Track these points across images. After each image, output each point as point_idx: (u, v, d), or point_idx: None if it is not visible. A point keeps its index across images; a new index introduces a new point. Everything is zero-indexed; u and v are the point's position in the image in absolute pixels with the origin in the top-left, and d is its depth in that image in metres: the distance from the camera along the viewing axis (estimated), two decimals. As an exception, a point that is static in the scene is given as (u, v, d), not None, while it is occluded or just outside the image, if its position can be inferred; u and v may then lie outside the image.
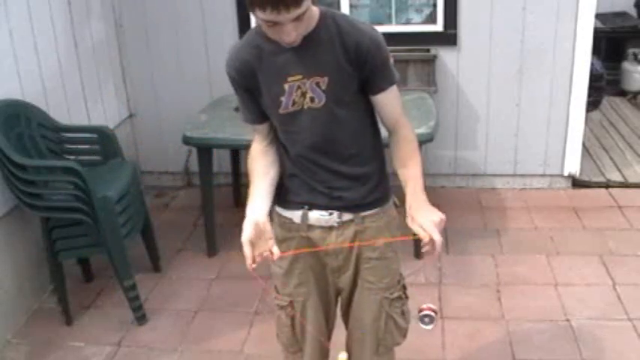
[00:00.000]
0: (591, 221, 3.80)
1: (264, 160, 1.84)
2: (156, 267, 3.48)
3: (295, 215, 1.87)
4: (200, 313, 3.15)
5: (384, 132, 1.87)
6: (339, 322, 2.08)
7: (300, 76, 1.71)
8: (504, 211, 3.97)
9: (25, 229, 3.10)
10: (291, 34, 1.58)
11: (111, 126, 3.69)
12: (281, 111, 1.75)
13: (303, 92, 1.72)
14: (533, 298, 3.12)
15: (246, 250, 1.67)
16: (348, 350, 2.06)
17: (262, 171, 1.83)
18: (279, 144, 1.86)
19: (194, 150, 3.66)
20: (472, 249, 3.57)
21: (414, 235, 1.69)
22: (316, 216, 1.84)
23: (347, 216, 1.85)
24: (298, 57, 1.69)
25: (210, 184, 3.55)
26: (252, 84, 1.76)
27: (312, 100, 1.73)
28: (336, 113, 1.75)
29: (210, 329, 3.02)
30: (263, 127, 1.85)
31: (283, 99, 1.73)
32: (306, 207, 1.85)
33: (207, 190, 3.56)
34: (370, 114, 1.83)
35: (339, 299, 2.02)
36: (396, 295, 1.98)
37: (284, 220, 1.90)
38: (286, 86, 1.72)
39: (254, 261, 1.68)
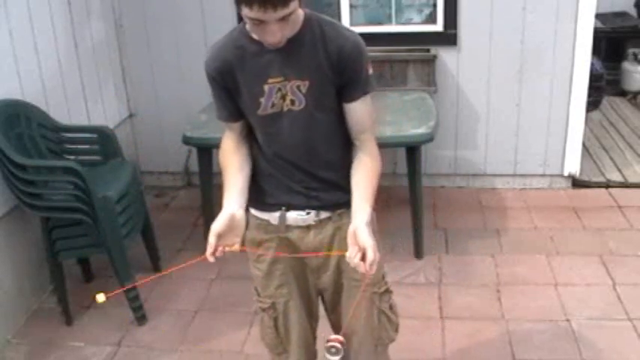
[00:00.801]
0: (591, 221, 3.80)
1: (238, 156, 1.83)
2: (156, 267, 3.47)
3: (272, 217, 1.85)
4: (200, 313, 3.15)
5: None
6: (324, 322, 2.07)
7: (280, 79, 1.70)
8: (504, 211, 3.97)
9: (25, 229, 3.10)
10: (277, 34, 1.57)
11: (111, 126, 3.69)
12: (260, 112, 1.74)
13: (284, 94, 1.71)
14: (533, 298, 3.12)
15: (212, 239, 1.70)
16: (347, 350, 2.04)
17: (237, 166, 1.82)
18: (254, 143, 1.85)
19: (194, 150, 3.66)
20: (472, 249, 3.57)
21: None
22: (294, 216, 1.84)
23: (324, 214, 1.84)
24: (281, 59, 1.68)
25: (210, 184, 3.55)
26: (231, 83, 1.75)
27: (292, 102, 1.72)
28: (316, 117, 1.74)
29: (210, 329, 3.02)
30: (237, 125, 1.84)
31: (262, 100, 1.72)
32: (284, 208, 1.83)
33: (207, 190, 3.55)
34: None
35: (323, 300, 2.01)
36: (383, 289, 1.97)
37: (260, 222, 1.88)
38: (266, 87, 1.71)
39: (215, 252, 1.71)
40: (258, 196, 1.85)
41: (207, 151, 3.49)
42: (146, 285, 3.29)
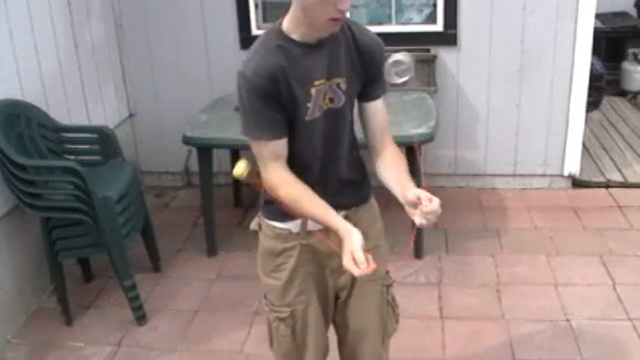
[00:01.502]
0: (591, 221, 3.80)
1: (302, 185, 1.71)
2: (156, 267, 3.48)
3: (293, 225, 1.82)
4: (200, 313, 3.15)
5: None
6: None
7: (324, 80, 1.69)
8: (504, 211, 3.97)
9: (25, 229, 3.09)
10: (347, 2, 1.56)
11: (111, 126, 3.69)
12: (307, 118, 1.69)
13: (324, 94, 1.71)
14: (533, 298, 3.12)
15: (361, 255, 1.57)
16: (348, 351, 2.04)
17: (310, 193, 1.70)
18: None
19: (194, 150, 3.66)
20: (472, 249, 3.57)
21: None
22: (313, 221, 1.80)
23: (342, 212, 1.83)
24: (322, 58, 1.68)
25: (210, 184, 3.55)
26: (286, 90, 1.64)
27: (331, 100, 1.72)
28: (347, 115, 1.77)
29: (210, 329, 3.02)
30: (282, 146, 1.70)
31: (310, 105, 1.68)
32: (302, 217, 1.80)
33: (207, 190, 3.55)
34: None
35: (336, 301, 2.00)
36: (390, 281, 2.02)
37: (280, 231, 1.84)
38: (313, 91, 1.67)
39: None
40: (278, 209, 1.80)
41: (207, 151, 3.50)
42: (146, 285, 3.30)
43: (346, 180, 1.84)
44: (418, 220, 1.61)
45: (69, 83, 3.59)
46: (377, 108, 1.82)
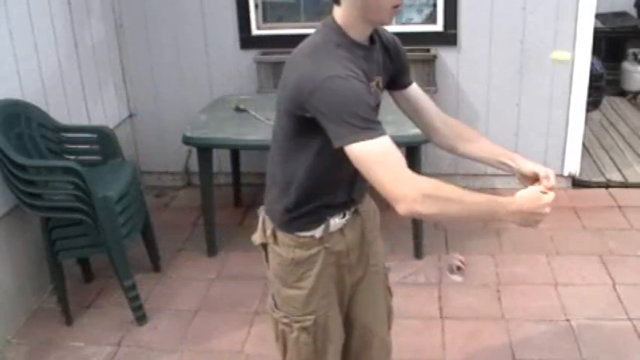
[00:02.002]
0: (591, 221, 3.80)
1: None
2: (156, 267, 3.48)
3: (317, 231, 1.77)
4: (200, 313, 3.15)
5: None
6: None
7: (375, 80, 1.69)
8: (504, 211, 3.97)
9: (25, 229, 3.09)
10: None
11: (111, 126, 3.69)
12: None
13: (374, 95, 1.69)
14: (534, 298, 3.12)
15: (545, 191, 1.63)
16: (356, 346, 2.03)
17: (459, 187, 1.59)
18: (323, 170, 1.68)
19: (194, 150, 3.66)
20: (472, 249, 3.56)
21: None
22: (335, 222, 1.79)
23: (355, 207, 1.86)
24: (374, 59, 1.69)
25: (210, 184, 3.55)
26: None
27: (375, 99, 1.71)
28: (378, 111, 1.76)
29: (210, 329, 3.02)
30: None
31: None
32: (326, 221, 1.77)
33: (207, 190, 3.55)
34: None
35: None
36: (388, 265, 2.06)
37: (303, 240, 1.77)
38: (372, 90, 1.65)
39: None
40: (303, 220, 1.76)
41: (207, 151, 3.49)
42: (146, 285, 3.30)
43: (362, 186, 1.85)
44: (542, 187, 1.66)
45: (69, 83, 3.59)
46: (416, 90, 1.87)
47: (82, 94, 3.76)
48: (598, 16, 4.67)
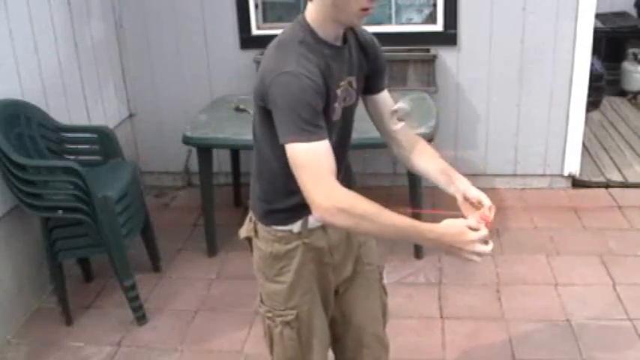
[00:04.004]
0: (591, 221, 3.80)
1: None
2: (156, 267, 3.48)
3: (295, 226, 1.78)
4: (200, 313, 3.15)
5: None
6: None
7: (345, 80, 1.70)
8: (504, 211, 3.97)
9: (25, 229, 3.10)
10: None
11: (111, 126, 3.69)
12: (334, 119, 1.68)
13: (343, 95, 1.71)
14: (533, 298, 3.12)
15: (486, 249, 1.60)
16: (350, 345, 2.04)
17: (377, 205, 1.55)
18: (274, 163, 1.69)
19: (194, 150, 3.67)
20: (472, 249, 3.56)
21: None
22: (313, 219, 1.75)
23: None
24: (344, 59, 1.69)
25: (210, 184, 3.55)
26: (325, 90, 1.59)
27: (344, 99, 1.72)
28: (355, 112, 1.78)
29: (210, 329, 3.02)
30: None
31: (336, 105, 1.68)
32: (304, 217, 1.77)
33: (207, 190, 3.56)
34: None
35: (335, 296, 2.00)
36: (383, 264, 2.06)
37: (281, 234, 1.79)
38: (339, 91, 1.67)
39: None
40: (281, 215, 1.78)
41: (207, 151, 3.50)
42: (146, 285, 3.30)
43: (342, 178, 1.83)
44: (474, 222, 1.62)
45: (69, 83, 3.59)
46: (386, 97, 1.86)
47: (82, 94, 3.76)
48: (598, 16, 4.67)
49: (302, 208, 1.69)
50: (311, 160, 1.52)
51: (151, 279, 3.39)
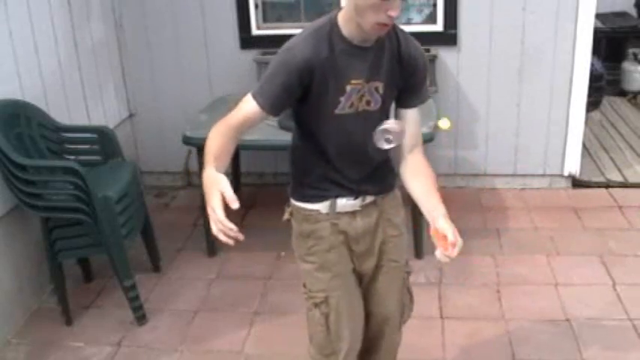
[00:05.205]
0: (591, 221, 3.80)
1: (232, 145, 1.75)
2: (156, 267, 3.48)
3: (323, 206, 1.88)
4: (200, 313, 3.15)
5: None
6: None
7: (361, 81, 1.75)
8: (504, 211, 3.97)
9: (25, 229, 3.09)
10: (397, 10, 1.64)
11: (111, 126, 3.69)
12: (337, 111, 1.77)
13: (361, 95, 1.77)
14: (534, 298, 3.12)
15: (221, 214, 1.68)
16: (368, 337, 2.07)
17: (228, 149, 1.75)
18: (307, 144, 1.86)
19: (194, 150, 3.66)
20: (472, 249, 3.56)
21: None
22: (343, 202, 1.88)
23: (369, 198, 1.92)
24: (365, 60, 1.74)
25: (210, 184, 3.54)
26: (307, 79, 1.71)
27: (367, 103, 1.78)
28: (378, 118, 1.81)
29: (210, 329, 3.02)
30: (259, 119, 1.77)
31: (342, 99, 1.75)
32: (333, 198, 1.88)
33: (207, 190, 3.55)
34: None
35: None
36: (410, 269, 2.11)
37: (309, 213, 1.90)
38: (348, 88, 1.74)
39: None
40: (307, 192, 1.90)
41: (207, 151, 3.49)
42: (146, 285, 3.30)
43: (373, 175, 1.90)
44: (439, 255, 1.76)
45: (69, 83, 3.59)
46: (412, 117, 1.88)
47: (82, 94, 3.76)
48: (598, 16, 4.67)
49: (328, 189, 1.85)
50: (237, 109, 1.76)
51: (151, 279, 3.39)
